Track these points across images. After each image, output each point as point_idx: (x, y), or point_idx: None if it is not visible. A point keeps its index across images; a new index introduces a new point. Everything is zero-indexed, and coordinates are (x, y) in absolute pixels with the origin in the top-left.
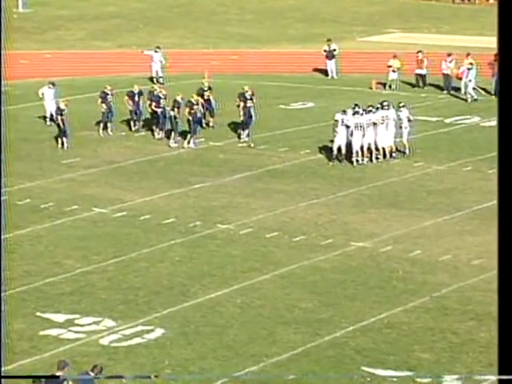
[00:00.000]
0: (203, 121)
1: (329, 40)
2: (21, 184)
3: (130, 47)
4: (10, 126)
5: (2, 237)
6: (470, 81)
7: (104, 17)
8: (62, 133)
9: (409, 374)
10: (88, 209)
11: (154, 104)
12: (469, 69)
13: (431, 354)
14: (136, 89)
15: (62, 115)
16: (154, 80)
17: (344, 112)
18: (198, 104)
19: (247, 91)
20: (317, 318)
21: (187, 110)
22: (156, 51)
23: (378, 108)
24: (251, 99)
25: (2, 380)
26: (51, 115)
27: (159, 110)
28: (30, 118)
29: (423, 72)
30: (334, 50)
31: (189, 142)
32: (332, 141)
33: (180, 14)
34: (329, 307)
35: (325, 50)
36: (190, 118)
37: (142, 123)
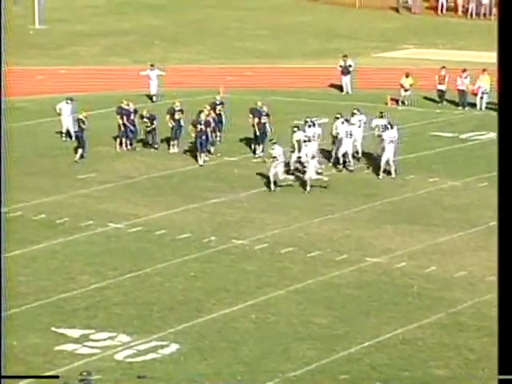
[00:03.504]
0: (210, 138)
1: (345, 56)
2: (36, 199)
3: (146, 63)
4: (26, 141)
5: (3, 247)
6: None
7: (120, 33)
8: (82, 144)
9: None
10: (103, 224)
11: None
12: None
13: (446, 371)
14: (177, 105)
15: (82, 126)
16: (154, 98)
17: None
18: (202, 124)
19: (261, 107)
20: (332, 334)
21: (192, 128)
22: (151, 69)
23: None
24: (267, 115)
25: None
26: (67, 131)
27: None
28: (45, 133)
29: (444, 88)
30: (350, 65)
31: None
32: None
33: (195, 30)
34: (344, 323)
35: (340, 66)
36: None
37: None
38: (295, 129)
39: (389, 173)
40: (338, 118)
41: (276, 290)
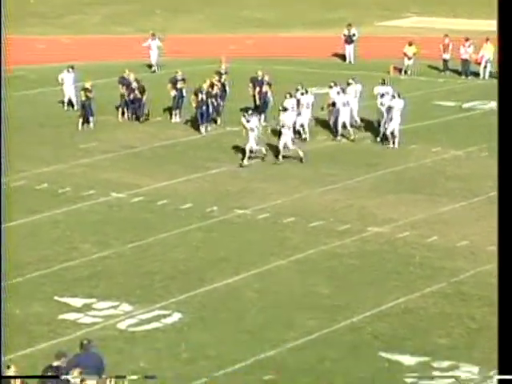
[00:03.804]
0: (211, 108)
1: (349, 25)
2: (38, 169)
3: (147, 32)
4: (27, 111)
5: (3, 227)
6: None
7: (121, 1)
8: (89, 113)
9: (426, 359)
10: (105, 194)
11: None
12: None
13: (448, 340)
14: (179, 75)
15: (88, 95)
16: (153, 68)
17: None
18: (203, 93)
19: (262, 76)
20: (334, 304)
21: (194, 97)
22: (152, 38)
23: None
24: (268, 84)
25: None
26: (69, 100)
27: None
28: (47, 102)
29: (447, 57)
30: (354, 34)
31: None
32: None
33: None
34: (346, 293)
35: (344, 35)
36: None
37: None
38: (287, 95)
39: (393, 142)
40: (331, 87)
41: (278, 260)
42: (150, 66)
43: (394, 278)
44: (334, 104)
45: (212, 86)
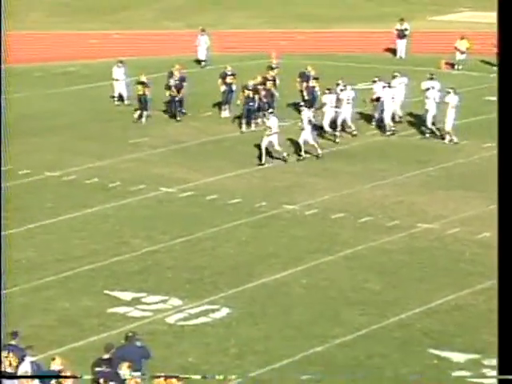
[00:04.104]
0: (257, 105)
1: (401, 19)
2: (89, 163)
3: (198, 28)
4: (78, 105)
5: (3, 232)
6: None
7: None
8: (144, 106)
9: (476, 356)
10: (155, 188)
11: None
12: None
13: None
14: (229, 70)
15: (144, 88)
16: (203, 63)
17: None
18: (250, 89)
19: (309, 71)
20: (383, 300)
21: (241, 93)
22: (202, 34)
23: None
24: (316, 78)
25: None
26: (119, 95)
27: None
28: (98, 97)
29: None
30: (406, 29)
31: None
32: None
33: None
34: (395, 289)
35: (397, 29)
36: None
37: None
38: (326, 91)
39: (442, 138)
40: (375, 82)
41: (327, 256)
42: (198, 62)
43: (443, 275)
44: (378, 99)
45: (264, 82)
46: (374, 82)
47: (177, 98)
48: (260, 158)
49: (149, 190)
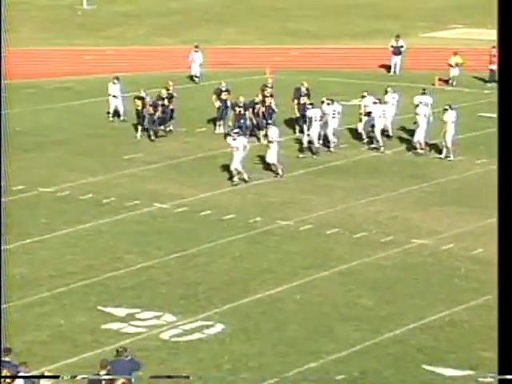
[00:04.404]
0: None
1: (397, 36)
2: (83, 179)
3: (192, 44)
4: (72, 121)
5: (3, 238)
6: None
7: (167, 13)
8: (142, 121)
9: (470, 372)
10: (149, 204)
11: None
12: None
13: (493, 353)
14: (224, 86)
15: (143, 103)
16: (197, 79)
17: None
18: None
19: (303, 87)
20: (377, 316)
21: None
22: (196, 50)
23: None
24: (307, 95)
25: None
26: (115, 111)
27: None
28: (92, 113)
29: (494, 68)
30: (402, 46)
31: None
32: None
33: (241, 11)
34: (389, 305)
35: (392, 46)
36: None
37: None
38: (309, 106)
39: (440, 152)
40: (363, 97)
41: (321, 271)
42: (191, 78)
43: (437, 291)
44: (369, 113)
45: (263, 100)
46: (364, 97)
47: (154, 117)
48: (274, 171)
49: (143, 205)
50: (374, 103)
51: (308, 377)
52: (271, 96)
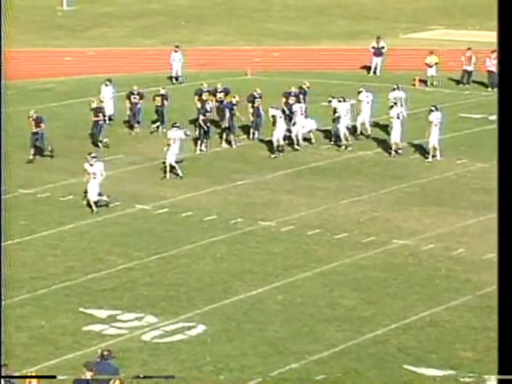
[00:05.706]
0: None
1: (378, 37)
2: (64, 180)
3: (173, 45)
4: (53, 123)
5: (3, 242)
6: None
7: (147, 14)
8: (133, 117)
9: (451, 372)
10: (130, 205)
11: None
12: None
13: (474, 353)
14: (205, 87)
15: (135, 98)
16: (173, 79)
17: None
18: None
19: (256, 91)
20: (358, 316)
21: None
22: (176, 51)
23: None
24: (260, 98)
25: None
26: (109, 116)
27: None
28: (73, 114)
29: (470, 69)
30: (383, 47)
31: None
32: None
33: (222, 11)
34: (370, 305)
35: (373, 47)
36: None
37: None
38: (272, 105)
39: (433, 156)
40: (330, 101)
41: (302, 272)
42: (172, 79)
43: (418, 291)
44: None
45: (253, 100)
46: (330, 101)
47: (100, 122)
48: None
49: (124, 207)
50: (339, 101)
51: (290, 377)
52: (260, 97)
